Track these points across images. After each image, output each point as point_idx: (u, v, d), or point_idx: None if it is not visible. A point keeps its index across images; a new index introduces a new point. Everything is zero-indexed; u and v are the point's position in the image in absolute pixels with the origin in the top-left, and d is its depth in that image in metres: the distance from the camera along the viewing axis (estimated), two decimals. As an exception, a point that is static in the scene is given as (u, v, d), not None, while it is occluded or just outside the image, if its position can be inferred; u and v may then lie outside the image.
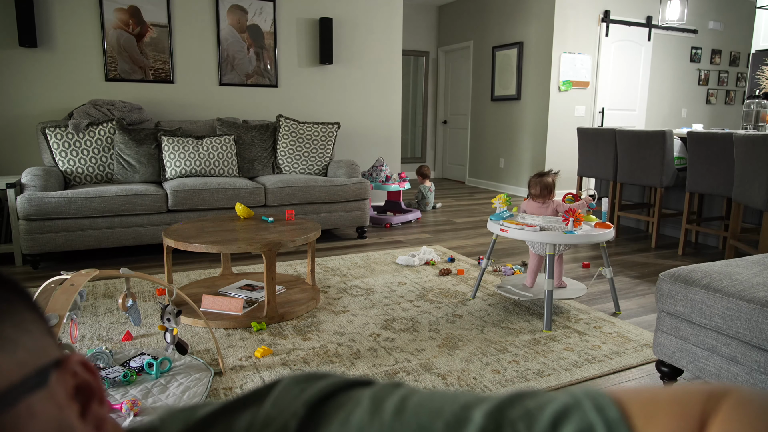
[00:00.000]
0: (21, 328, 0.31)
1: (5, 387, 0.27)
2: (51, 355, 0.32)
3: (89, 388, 0.32)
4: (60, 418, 0.30)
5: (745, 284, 1.64)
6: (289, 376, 0.37)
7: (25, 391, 0.28)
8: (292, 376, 0.37)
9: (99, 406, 0.33)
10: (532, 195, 2.84)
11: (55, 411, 0.30)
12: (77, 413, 0.31)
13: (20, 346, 0.30)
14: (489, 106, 7.27)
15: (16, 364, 0.29)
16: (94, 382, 0.33)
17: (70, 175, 3.70)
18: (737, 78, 7.64)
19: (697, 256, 3.86)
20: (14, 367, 0.29)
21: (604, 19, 6.34)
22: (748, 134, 3.15)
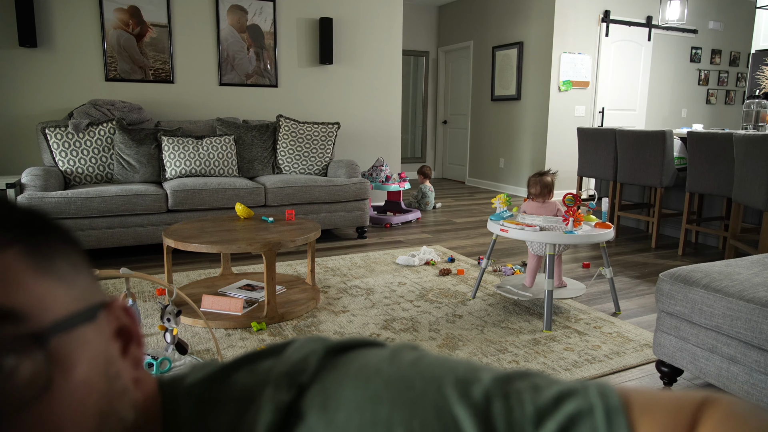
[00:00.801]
0: (76, 269, 0.35)
1: (65, 315, 0.32)
2: (99, 297, 0.36)
3: (129, 331, 0.37)
4: (106, 351, 0.34)
5: (745, 284, 1.64)
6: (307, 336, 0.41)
7: (80, 321, 0.32)
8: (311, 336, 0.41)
9: (137, 348, 0.37)
10: (532, 194, 2.84)
11: (102, 344, 0.34)
12: (119, 351, 0.35)
13: (76, 284, 0.34)
14: (489, 106, 7.27)
15: (73, 299, 0.33)
16: (133, 326, 0.37)
17: (70, 175, 3.70)
18: (737, 78, 7.64)
19: (697, 256, 3.86)
20: (71, 300, 0.33)
21: (604, 19, 6.34)
22: (748, 134, 3.15)
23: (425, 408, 0.32)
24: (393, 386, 0.33)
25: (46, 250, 0.33)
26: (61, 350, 0.30)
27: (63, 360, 0.30)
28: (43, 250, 0.33)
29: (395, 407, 0.32)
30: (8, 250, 0.31)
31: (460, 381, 0.33)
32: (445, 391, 0.32)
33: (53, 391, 0.29)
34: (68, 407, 0.30)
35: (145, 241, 3.55)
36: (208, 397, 0.37)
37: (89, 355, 0.32)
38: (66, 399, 0.30)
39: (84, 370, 0.31)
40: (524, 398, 0.32)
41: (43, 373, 0.29)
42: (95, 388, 0.32)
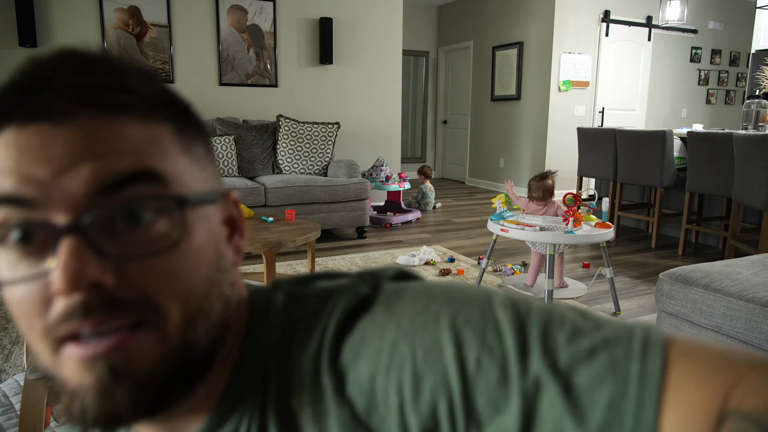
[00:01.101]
0: (207, 156, 0.40)
1: (196, 192, 0.37)
2: (219, 185, 0.41)
3: (236, 221, 0.42)
4: (218, 231, 0.39)
5: (745, 284, 1.64)
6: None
7: (206, 199, 0.37)
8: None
9: (239, 238, 0.42)
10: (534, 198, 2.84)
11: (216, 225, 0.39)
12: (226, 236, 0.40)
13: (206, 169, 0.39)
14: (489, 106, 7.27)
15: (202, 180, 0.38)
16: (240, 219, 0.42)
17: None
18: (737, 78, 7.64)
19: (697, 256, 3.86)
20: (201, 181, 0.38)
21: (604, 19, 6.34)
22: (748, 134, 3.15)
23: (472, 307, 0.35)
24: (449, 291, 0.37)
25: (188, 134, 0.38)
26: (189, 218, 0.35)
27: (190, 226, 0.35)
28: (186, 133, 0.38)
29: (445, 303, 0.36)
30: (161, 126, 0.36)
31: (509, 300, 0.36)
32: (494, 303, 0.36)
33: (178, 249, 0.34)
34: (187, 264, 0.35)
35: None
36: (296, 293, 0.42)
37: (207, 229, 0.37)
38: (186, 258, 0.35)
39: (202, 239, 0.36)
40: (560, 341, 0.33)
41: (173, 233, 0.34)
42: (208, 257, 0.37)
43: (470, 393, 0.32)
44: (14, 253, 0.33)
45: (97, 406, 0.33)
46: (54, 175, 0.32)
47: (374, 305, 0.38)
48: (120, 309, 0.32)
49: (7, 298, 0.34)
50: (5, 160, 0.33)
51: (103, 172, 0.32)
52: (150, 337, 0.33)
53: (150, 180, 0.33)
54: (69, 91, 0.33)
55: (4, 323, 2.53)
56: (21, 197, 0.32)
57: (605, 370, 0.31)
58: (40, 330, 0.33)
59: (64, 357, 0.33)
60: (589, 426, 0.30)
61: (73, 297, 0.31)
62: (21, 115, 0.33)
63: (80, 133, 0.32)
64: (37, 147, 0.32)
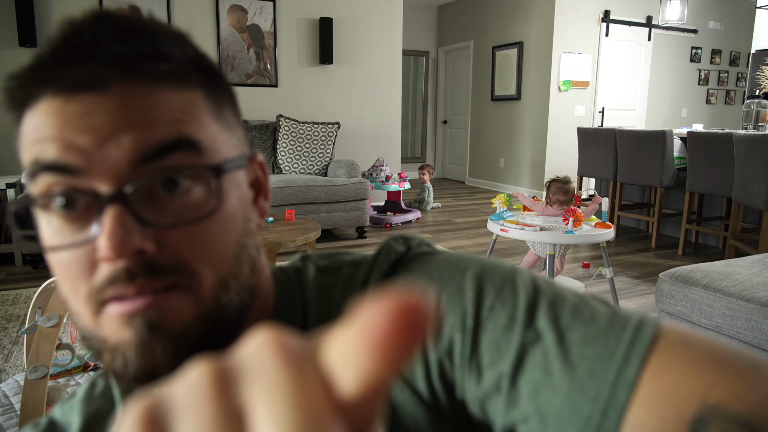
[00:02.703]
0: (236, 120, 0.41)
1: (227, 157, 0.38)
2: (245, 149, 0.42)
3: (261, 184, 0.43)
4: (246, 196, 0.40)
5: (745, 284, 1.64)
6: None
7: (238, 165, 0.38)
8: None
9: (264, 200, 0.44)
10: (559, 201, 2.75)
11: (245, 188, 0.40)
12: (252, 198, 0.42)
13: (235, 133, 0.40)
14: (489, 106, 7.27)
15: (233, 145, 0.39)
16: (265, 181, 0.44)
17: (70, 175, 3.70)
18: (737, 78, 7.64)
19: (697, 256, 3.86)
20: (232, 146, 0.39)
21: (604, 19, 6.34)
22: (748, 134, 3.15)
23: (496, 269, 0.38)
24: (477, 257, 0.41)
25: (220, 99, 0.39)
26: (223, 184, 0.36)
27: (223, 193, 0.36)
28: (217, 98, 0.39)
29: (473, 263, 0.39)
30: (195, 91, 0.37)
31: (529, 274, 0.39)
32: (516, 271, 0.39)
33: (213, 215, 0.36)
34: (220, 230, 0.36)
35: (145, 241, 3.55)
36: (323, 266, 0.45)
37: (237, 194, 0.38)
38: (220, 224, 0.36)
39: (234, 204, 0.38)
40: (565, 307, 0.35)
41: (209, 201, 0.36)
42: (238, 222, 0.38)
43: (479, 332, 0.36)
44: (58, 218, 0.34)
45: (138, 359, 0.34)
46: (97, 144, 0.33)
47: (408, 262, 0.41)
48: (159, 274, 0.34)
49: (51, 262, 0.36)
50: (47, 128, 0.34)
51: (143, 142, 0.33)
52: (184, 299, 0.35)
53: (187, 148, 0.35)
54: (109, 60, 0.34)
55: (4, 323, 2.53)
56: (66, 165, 0.33)
57: (600, 332, 0.33)
58: (85, 293, 0.35)
59: (105, 316, 0.35)
60: (576, 374, 0.32)
61: (117, 263, 0.33)
62: (62, 84, 0.33)
63: (120, 102, 0.33)
64: (79, 116, 0.33)
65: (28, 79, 0.35)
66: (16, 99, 0.36)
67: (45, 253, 0.36)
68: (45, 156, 0.34)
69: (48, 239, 0.35)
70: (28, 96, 0.35)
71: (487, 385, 0.35)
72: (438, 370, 0.36)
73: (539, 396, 0.32)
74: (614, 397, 0.31)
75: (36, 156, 0.34)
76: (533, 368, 0.33)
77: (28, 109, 0.35)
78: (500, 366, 0.34)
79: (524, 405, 0.33)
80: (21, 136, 0.36)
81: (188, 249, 0.35)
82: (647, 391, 0.30)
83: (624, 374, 0.31)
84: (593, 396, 0.31)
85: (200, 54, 0.39)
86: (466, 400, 0.36)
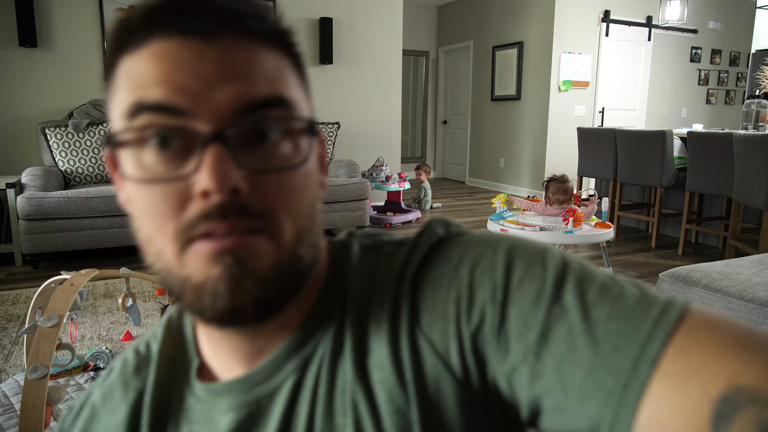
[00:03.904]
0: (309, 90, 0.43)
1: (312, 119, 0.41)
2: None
3: (322, 159, 0.45)
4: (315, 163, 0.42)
5: (745, 284, 1.64)
6: None
7: (314, 130, 0.40)
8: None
9: (324, 175, 0.46)
10: (558, 201, 2.77)
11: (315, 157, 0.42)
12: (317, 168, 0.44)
13: (309, 102, 0.43)
14: (489, 106, 7.27)
15: (309, 111, 0.42)
16: (324, 155, 0.46)
17: (70, 175, 3.70)
18: (737, 78, 7.64)
19: (697, 256, 3.86)
20: (308, 112, 0.41)
21: (604, 19, 6.34)
22: (748, 134, 3.15)
23: (527, 247, 0.39)
24: (511, 236, 0.42)
25: (300, 69, 0.42)
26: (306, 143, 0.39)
27: (305, 151, 0.39)
28: (299, 67, 0.42)
29: (505, 240, 0.40)
30: (283, 57, 0.40)
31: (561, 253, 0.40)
32: (548, 249, 0.39)
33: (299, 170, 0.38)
34: (302, 185, 0.39)
35: (145, 241, 3.54)
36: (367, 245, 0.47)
37: (313, 159, 0.41)
38: (302, 179, 0.39)
39: (312, 164, 0.41)
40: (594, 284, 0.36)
41: (296, 155, 0.38)
42: (313, 183, 0.41)
43: (507, 306, 0.36)
44: (153, 155, 0.36)
45: (227, 295, 0.36)
46: (205, 89, 0.35)
47: (446, 244, 0.42)
48: (248, 215, 0.36)
49: (139, 199, 0.37)
50: (156, 70, 0.35)
51: (245, 94, 0.36)
52: (267, 244, 0.37)
53: (281, 106, 0.37)
54: (221, 13, 0.36)
55: (4, 323, 2.53)
56: (173, 106, 0.35)
57: (626, 310, 0.33)
58: (173, 230, 0.36)
59: (191, 254, 0.36)
60: (600, 348, 0.32)
61: (213, 198, 0.35)
62: (176, 29, 0.36)
63: (226, 53, 0.36)
64: (189, 60, 0.35)
65: (140, 22, 0.37)
66: (119, 41, 0.38)
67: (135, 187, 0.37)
68: (150, 97, 0.35)
69: (140, 173, 0.36)
70: (134, 40, 0.37)
71: (514, 357, 0.35)
72: (471, 345, 0.37)
73: (563, 369, 0.33)
74: (636, 371, 0.31)
75: (140, 97, 0.36)
76: (558, 342, 0.34)
77: (129, 53, 0.37)
78: (527, 339, 0.35)
79: (548, 377, 0.34)
80: (118, 77, 0.38)
81: (274, 197, 0.37)
82: (670, 367, 0.30)
83: (647, 350, 0.31)
84: (616, 370, 0.31)
85: (287, 26, 0.43)
86: (496, 377, 0.37)
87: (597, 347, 0.32)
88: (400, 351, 0.39)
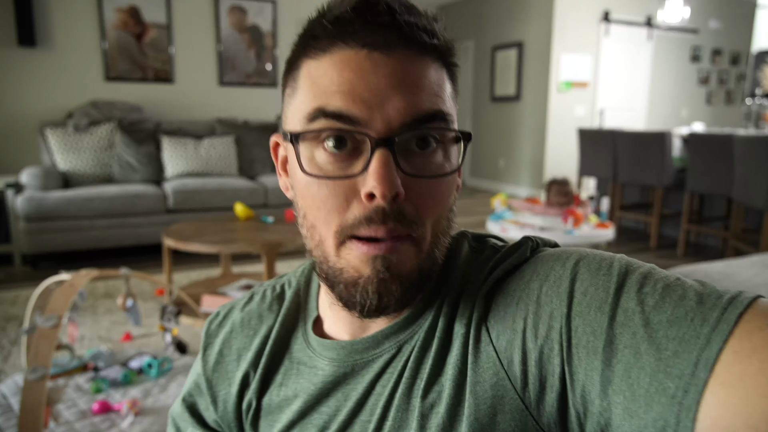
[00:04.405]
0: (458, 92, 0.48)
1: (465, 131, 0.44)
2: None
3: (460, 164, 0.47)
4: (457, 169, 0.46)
5: (745, 285, 1.64)
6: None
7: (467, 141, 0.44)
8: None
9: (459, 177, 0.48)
10: (558, 202, 2.78)
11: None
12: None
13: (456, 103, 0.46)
14: (489, 106, 7.27)
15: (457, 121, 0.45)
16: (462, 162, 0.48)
17: (70, 175, 3.70)
18: (738, 78, 7.63)
19: (697, 256, 3.85)
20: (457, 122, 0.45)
21: (604, 19, 6.34)
22: (748, 134, 3.15)
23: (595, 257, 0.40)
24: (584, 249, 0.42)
25: (455, 81, 0.45)
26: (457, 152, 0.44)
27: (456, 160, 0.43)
28: (455, 80, 0.45)
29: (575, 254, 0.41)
30: (443, 70, 0.43)
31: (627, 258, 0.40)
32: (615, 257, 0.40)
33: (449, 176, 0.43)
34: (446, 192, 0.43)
35: (145, 241, 3.54)
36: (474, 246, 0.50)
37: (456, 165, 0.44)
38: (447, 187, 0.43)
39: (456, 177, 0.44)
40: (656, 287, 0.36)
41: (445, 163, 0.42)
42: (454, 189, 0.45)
43: (573, 317, 0.37)
44: (327, 155, 0.41)
45: (377, 294, 0.41)
46: (380, 101, 0.39)
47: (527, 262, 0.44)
48: (404, 221, 0.40)
49: (311, 192, 0.42)
50: (338, 79, 0.40)
51: (413, 108, 0.39)
52: (411, 248, 0.41)
53: (440, 119, 0.41)
54: (398, 28, 0.40)
55: (4, 324, 2.53)
56: (351, 116, 0.39)
57: (687, 313, 0.34)
58: (337, 225, 0.41)
59: (349, 249, 0.41)
60: (662, 354, 0.33)
61: (378, 202, 0.39)
62: (361, 41, 0.40)
63: (399, 66, 0.40)
64: (368, 72, 0.39)
65: (327, 29, 0.41)
66: (304, 45, 0.43)
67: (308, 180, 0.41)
68: (331, 105, 0.39)
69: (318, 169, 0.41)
70: (318, 45, 0.41)
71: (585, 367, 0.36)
72: (537, 357, 0.38)
73: (631, 375, 0.34)
74: (695, 376, 0.32)
75: (322, 104, 0.40)
76: (624, 349, 0.35)
77: (312, 57, 0.42)
78: (595, 347, 0.36)
79: (618, 383, 0.35)
80: (300, 78, 0.43)
81: (423, 202, 0.41)
82: (727, 372, 0.31)
83: (704, 354, 0.32)
84: (677, 375, 0.32)
85: (449, 38, 0.44)
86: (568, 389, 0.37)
87: (660, 353, 0.33)
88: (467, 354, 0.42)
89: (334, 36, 0.40)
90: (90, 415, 1.63)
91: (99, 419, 1.60)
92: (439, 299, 0.46)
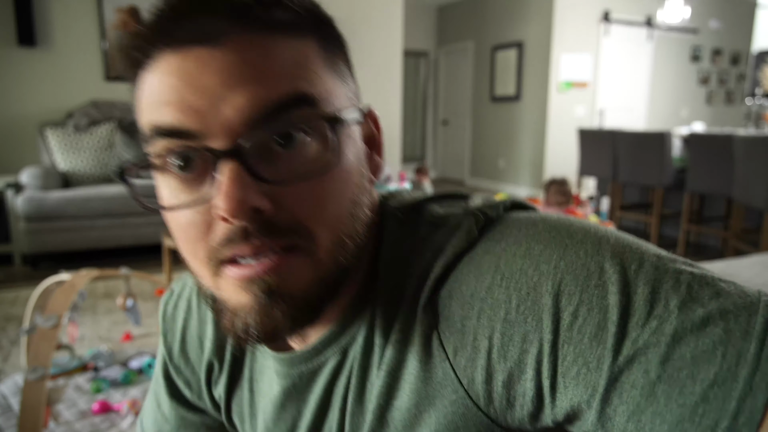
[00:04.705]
0: (349, 71, 0.39)
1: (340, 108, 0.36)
2: (360, 101, 0.40)
3: (375, 140, 0.42)
4: (361, 151, 0.39)
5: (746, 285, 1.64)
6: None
7: (353, 119, 0.37)
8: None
9: (378, 156, 0.42)
10: (557, 203, 2.81)
11: (360, 143, 0.39)
12: (366, 154, 0.40)
13: (349, 86, 0.39)
14: (489, 106, 7.27)
15: (347, 98, 0.38)
16: (379, 137, 0.43)
17: (70, 175, 3.70)
18: (738, 78, 7.63)
19: (697, 256, 3.85)
20: (345, 99, 0.37)
21: (604, 18, 6.34)
22: (748, 135, 3.15)
23: (578, 251, 0.33)
24: (555, 230, 0.35)
25: (332, 48, 0.37)
26: (338, 137, 0.35)
27: (339, 146, 0.35)
28: (330, 47, 0.37)
29: (550, 245, 0.34)
30: (308, 41, 0.35)
31: (620, 245, 0.34)
32: (603, 248, 0.33)
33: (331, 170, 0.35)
34: (337, 187, 0.35)
35: (145, 241, 3.54)
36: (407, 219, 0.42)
37: (353, 150, 0.37)
38: (336, 180, 0.35)
39: (349, 160, 0.36)
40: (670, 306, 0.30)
41: (326, 156, 0.34)
42: (354, 178, 0.37)
43: (560, 346, 0.31)
44: (175, 180, 0.35)
45: (258, 323, 0.35)
46: (211, 104, 0.32)
47: (477, 244, 0.37)
48: (275, 234, 0.33)
49: (171, 224, 0.36)
50: (164, 89, 0.33)
51: (259, 101, 0.32)
52: (302, 261, 0.35)
53: (302, 104, 0.33)
54: (225, 10, 0.33)
55: (3, 324, 2.53)
56: (182, 129, 0.33)
57: (717, 344, 0.28)
58: (203, 254, 0.35)
59: (223, 278, 0.35)
60: (686, 399, 0.27)
61: (234, 223, 0.32)
62: (179, 39, 0.33)
63: (235, 56, 0.32)
64: (194, 73, 0.32)
65: (145, 37, 0.34)
66: (132, 59, 0.36)
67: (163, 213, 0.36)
68: (162, 121, 0.33)
69: (166, 200, 0.36)
70: (145, 55, 0.35)
71: (572, 400, 0.31)
72: (505, 379, 0.34)
73: (641, 419, 0.29)
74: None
75: (153, 121, 0.34)
76: (631, 388, 0.29)
77: (145, 70, 0.35)
78: (588, 381, 0.30)
79: (620, 426, 0.29)
80: (138, 98, 0.36)
81: (305, 208, 0.34)
82: None
83: (746, 405, 0.26)
84: (709, 427, 0.27)
85: (310, 3, 0.37)
86: (546, 407, 0.33)
87: (683, 398, 0.27)
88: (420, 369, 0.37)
89: (154, 42, 0.34)
90: (90, 415, 1.63)
91: (99, 419, 1.60)
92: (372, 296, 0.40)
